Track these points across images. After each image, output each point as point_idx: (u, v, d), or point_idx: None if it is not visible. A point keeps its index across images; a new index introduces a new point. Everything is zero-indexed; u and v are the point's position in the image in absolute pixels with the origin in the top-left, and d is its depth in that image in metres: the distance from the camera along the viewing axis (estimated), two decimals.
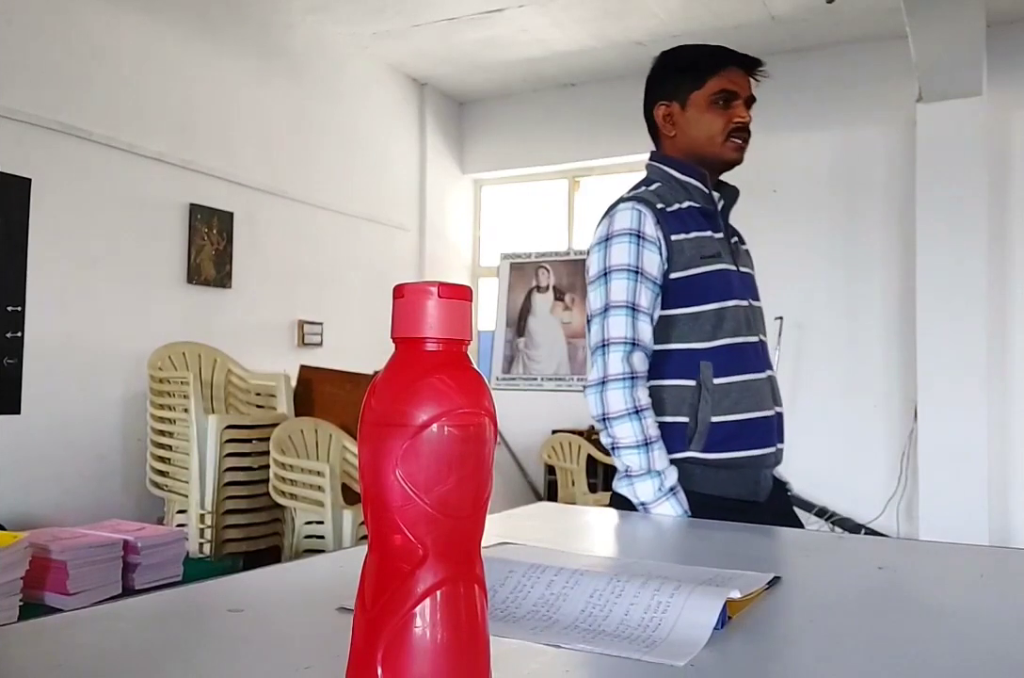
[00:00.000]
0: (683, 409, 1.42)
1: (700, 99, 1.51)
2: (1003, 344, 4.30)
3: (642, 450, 1.38)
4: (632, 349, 1.41)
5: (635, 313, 1.42)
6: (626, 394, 1.39)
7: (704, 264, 1.46)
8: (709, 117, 1.51)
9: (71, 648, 0.58)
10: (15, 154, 3.15)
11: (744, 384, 1.45)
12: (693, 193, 1.52)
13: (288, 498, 3.21)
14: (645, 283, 1.43)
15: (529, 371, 5.59)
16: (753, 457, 1.44)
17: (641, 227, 1.44)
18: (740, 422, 1.43)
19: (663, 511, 1.37)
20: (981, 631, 0.67)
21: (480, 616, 0.42)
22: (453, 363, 0.42)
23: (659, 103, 1.56)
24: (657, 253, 1.44)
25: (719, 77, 1.51)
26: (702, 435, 1.41)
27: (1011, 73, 4.30)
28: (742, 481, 1.45)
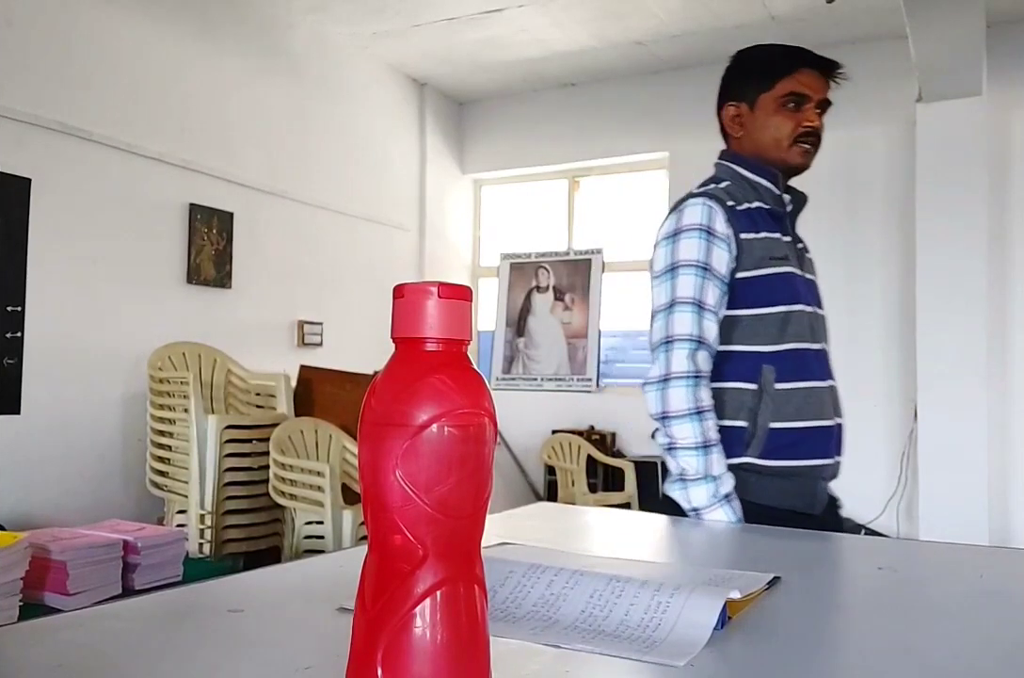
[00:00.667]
0: (742, 413, 1.39)
1: (769, 101, 1.48)
2: (1003, 344, 4.30)
3: (700, 452, 1.33)
4: (697, 347, 1.37)
5: (701, 310, 1.38)
6: (688, 393, 1.34)
7: (773, 265, 1.42)
8: (777, 120, 1.47)
9: (71, 648, 0.58)
10: (15, 154, 3.15)
11: (806, 391, 1.41)
12: (763, 194, 1.49)
13: (288, 498, 3.21)
14: (713, 280, 1.39)
15: (529, 371, 5.59)
16: (811, 467, 1.40)
17: (711, 223, 1.40)
18: (800, 430, 1.39)
19: (715, 518, 1.32)
20: (981, 631, 0.67)
21: (480, 616, 0.42)
22: (453, 363, 0.42)
23: (728, 103, 1.54)
24: (726, 250, 1.40)
25: (790, 79, 1.46)
26: (760, 441, 1.37)
27: (1011, 73, 4.30)
28: (798, 492, 1.40)
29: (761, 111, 1.49)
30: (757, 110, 1.49)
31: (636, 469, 4.69)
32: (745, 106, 1.51)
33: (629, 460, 4.81)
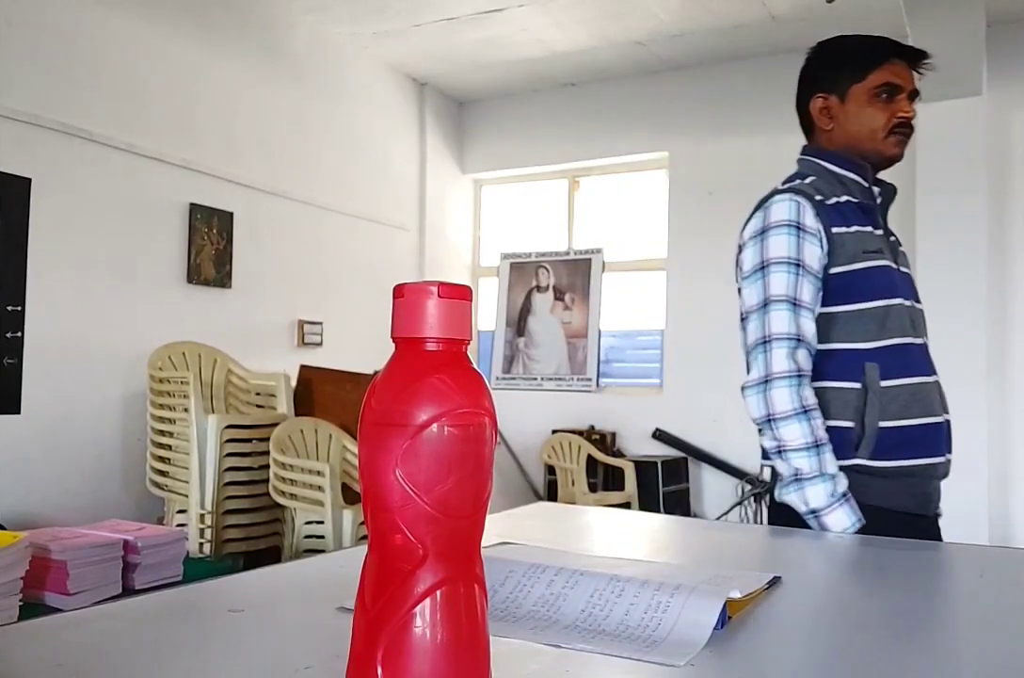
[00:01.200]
0: (847, 413, 1.34)
1: (861, 92, 1.44)
2: (1003, 345, 4.30)
3: (812, 452, 1.29)
4: (796, 345, 1.33)
5: (797, 308, 1.34)
6: (792, 393, 1.31)
7: (868, 259, 1.38)
8: (871, 111, 1.44)
9: (71, 648, 0.58)
10: (15, 154, 3.15)
11: (913, 387, 1.36)
12: (851, 187, 1.45)
13: (288, 498, 3.21)
14: (807, 277, 1.35)
15: (529, 371, 5.59)
16: (924, 466, 1.35)
17: (801, 218, 1.36)
18: (910, 428, 1.34)
19: (835, 520, 1.27)
20: (981, 631, 0.67)
21: (480, 616, 0.42)
22: (453, 363, 0.42)
23: (816, 95, 1.49)
24: (818, 246, 1.36)
25: (882, 70, 1.43)
26: (870, 441, 1.32)
27: (1011, 73, 4.30)
28: (911, 492, 1.36)
29: (853, 102, 1.45)
30: (849, 102, 1.46)
31: (636, 469, 4.69)
32: (835, 98, 1.47)
33: (629, 460, 4.81)
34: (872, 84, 1.43)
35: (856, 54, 1.46)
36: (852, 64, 1.46)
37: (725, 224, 5.09)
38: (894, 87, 1.43)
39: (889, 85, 1.43)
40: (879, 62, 1.44)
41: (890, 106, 1.44)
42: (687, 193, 5.12)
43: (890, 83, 1.43)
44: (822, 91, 1.48)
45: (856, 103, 1.45)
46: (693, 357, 5.05)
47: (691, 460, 4.99)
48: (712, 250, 5.01)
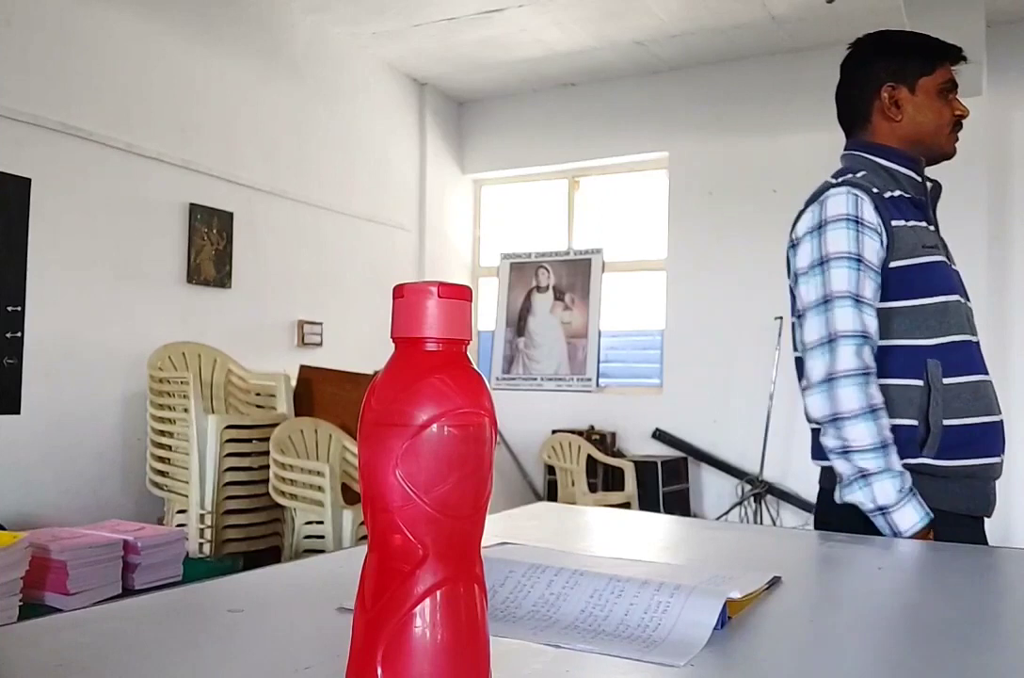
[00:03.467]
0: (910, 411, 1.31)
1: (931, 86, 1.43)
2: (1003, 344, 4.30)
3: (880, 452, 1.25)
4: (863, 342, 1.29)
5: (860, 304, 1.30)
6: (860, 391, 1.27)
7: (926, 254, 1.35)
8: (939, 106, 1.43)
9: (71, 648, 0.58)
10: (15, 154, 3.15)
11: (974, 385, 1.35)
12: (903, 182, 1.43)
13: (288, 498, 3.21)
14: (867, 272, 1.31)
15: (529, 371, 5.59)
16: (986, 466, 1.33)
17: (859, 212, 1.33)
18: (973, 427, 1.32)
19: (905, 516, 1.23)
20: (981, 631, 0.67)
21: (480, 616, 0.42)
22: (453, 363, 0.42)
23: (886, 84, 1.45)
24: (878, 240, 1.33)
25: (945, 67, 1.43)
26: (936, 439, 1.29)
27: (1011, 73, 4.30)
28: (973, 494, 1.34)
29: (923, 95, 1.43)
30: (919, 93, 1.43)
31: (636, 469, 4.69)
32: (905, 89, 1.44)
33: (629, 460, 4.81)
34: (940, 79, 1.43)
35: (923, 47, 1.45)
36: (921, 56, 1.44)
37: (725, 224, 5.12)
38: (954, 84, 1.44)
39: (951, 82, 1.44)
40: (943, 58, 1.44)
41: (951, 103, 1.44)
42: (687, 193, 5.12)
43: (952, 80, 1.44)
44: (892, 80, 1.45)
45: (926, 96, 1.44)
46: (693, 357, 5.04)
47: (691, 460, 4.99)
48: (712, 250, 5.01)
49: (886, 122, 1.46)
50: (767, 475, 4.61)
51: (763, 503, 4.67)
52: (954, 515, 1.30)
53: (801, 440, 5.17)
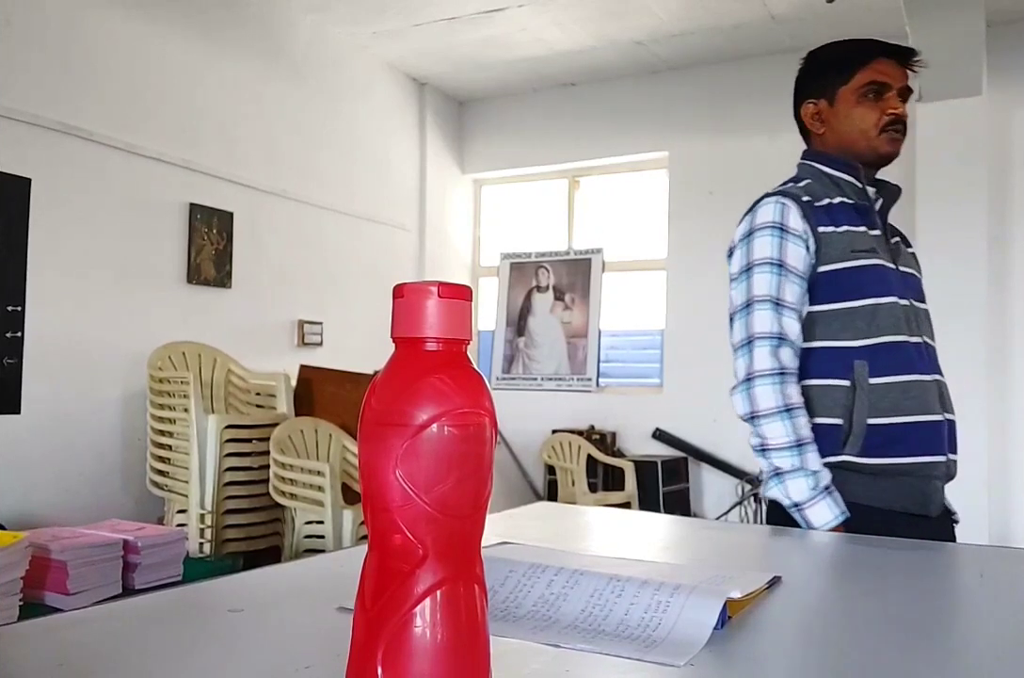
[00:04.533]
0: (836, 410, 1.35)
1: (848, 94, 1.46)
2: (1003, 344, 4.30)
3: (795, 451, 1.30)
4: (779, 344, 1.34)
5: (780, 307, 1.36)
6: (775, 391, 1.32)
7: (856, 258, 1.39)
8: (860, 111, 1.46)
9: (71, 648, 0.58)
10: (15, 154, 3.15)
11: (905, 385, 1.36)
12: (845, 189, 1.47)
13: (288, 498, 3.21)
14: (789, 277, 1.37)
15: (529, 371, 5.59)
16: (918, 464, 1.34)
17: (784, 220, 1.39)
18: (901, 425, 1.34)
19: (817, 513, 1.29)
20: (981, 631, 0.67)
21: (480, 616, 0.42)
22: (453, 363, 0.42)
23: (806, 102, 1.52)
24: (803, 246, 1.38)
25: (868, 69, 1.45)
26: (858, 438, 1.33)
27: (1011, 73, 4.30)
28: (907, 492, 1.34)
29: (842, 104, 1.47)
30: (838, 104, 1.48)
31: (636, 469, 4.69)
32: (824, 102, 1.50)
33: (629, 460, 4.81)
34: (858, 84, 1.45)
35: (841, 57, 1.48)
36: (838, 67, 1.48)
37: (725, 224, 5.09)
38: (881, 85, 1.45)
39: (875, 83, 1.44)
40: (864, 62, 1.45)
41: (879, 105, 1.45)
42: (687, 193, 5.12)
43: (876, 81, 1.44)
44: (812, 97, 1.51)
45: (845, 104, 1.47)
46: (693, 357, 5.04)
47: (691, 460, 4.99)
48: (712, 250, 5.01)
49: (816, 136, 1.53)
50: None
51: (763, 503, 4.66)
52: (888, 512, 1.32)
53: None
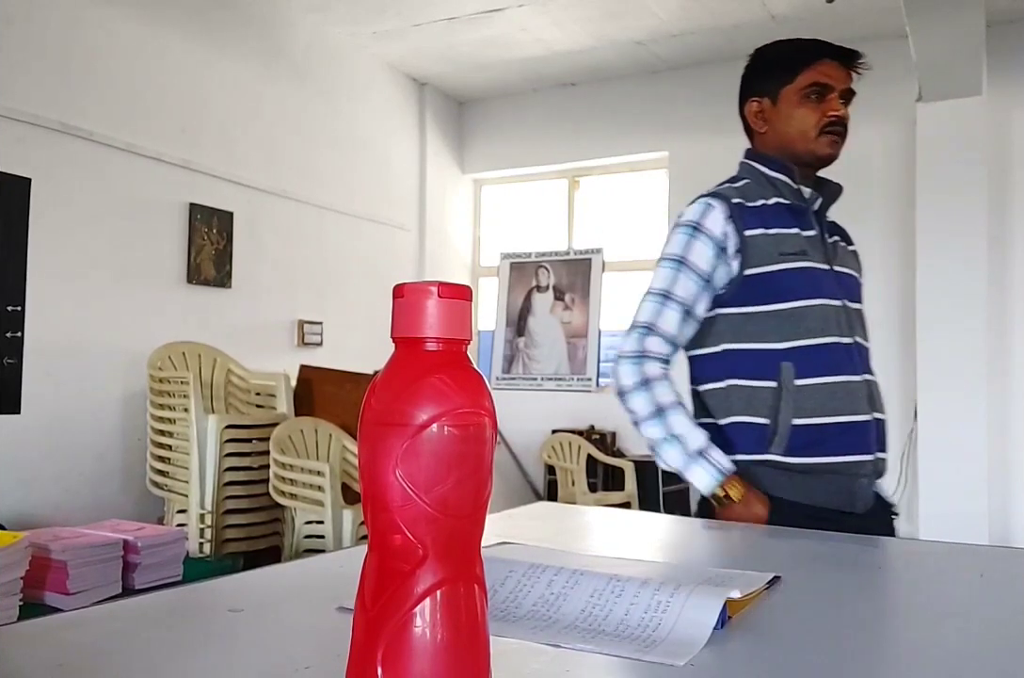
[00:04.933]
0: (762, 410, 1.38)
1: (791, 94, 1.47)
2: (1003, 344, 4.30)
3: (657, 419, 1.37)
4: (648, 332, 1.40)
5: (667, 300, 1.41)
6: (635, 369, 1.39)
7: (783, 261, 1.41)
8: (802, 112, 1.46)
9: (71, 648, 0.58)
10: (15, 154, 3.15)
11: (832, 386, 1.39)
12: (782, 189, 1.48)
13: (288, 498, 3.21)
14: (687, 274, 1.41)
15: (529, 371, 5.58)
16: (844, 463, 1.37)
17: (701, 220, 1.42)
18: (826, 426, 1.37)
19: (695, 477, 1.36)
20: (981, 631, 0.67)
21: (480, 616, 0.42)
22: (453, 363, 0.42)
23: (750, 99, 1.53)
24: (712, 247, 1.41)
25: (811, 70, 1.45)
26: (783, 438, 1.36)
27: (1011, 73, 4.29)
28: (833, 489, 1.37)
29: (785, 104, 1.48)
30: (780, 103, 1.49)
31: (636, 469, 4.68)
32: (768, 101, 1.50)
33: (629, 460, 4.80)
34: (801, 84, 1.45)
35: (785, 57, 1.49)
36: (782, 66, 1.48)
37: None
38: (824, 87, 1.45)
39: (818, 85, 1.45)
40: (808, 63, 1.46)
41: (820, 106, 1.45)
42: (687, 193, 5.07)
43: (819, 83, 1.45)
44: (755, 95, 1.52)
45: (787, 104, 1.47)
46: None
47: None
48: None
49: (758, 134, 1.54)
50: None
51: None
52: (813, 507, 1.35)
53: None
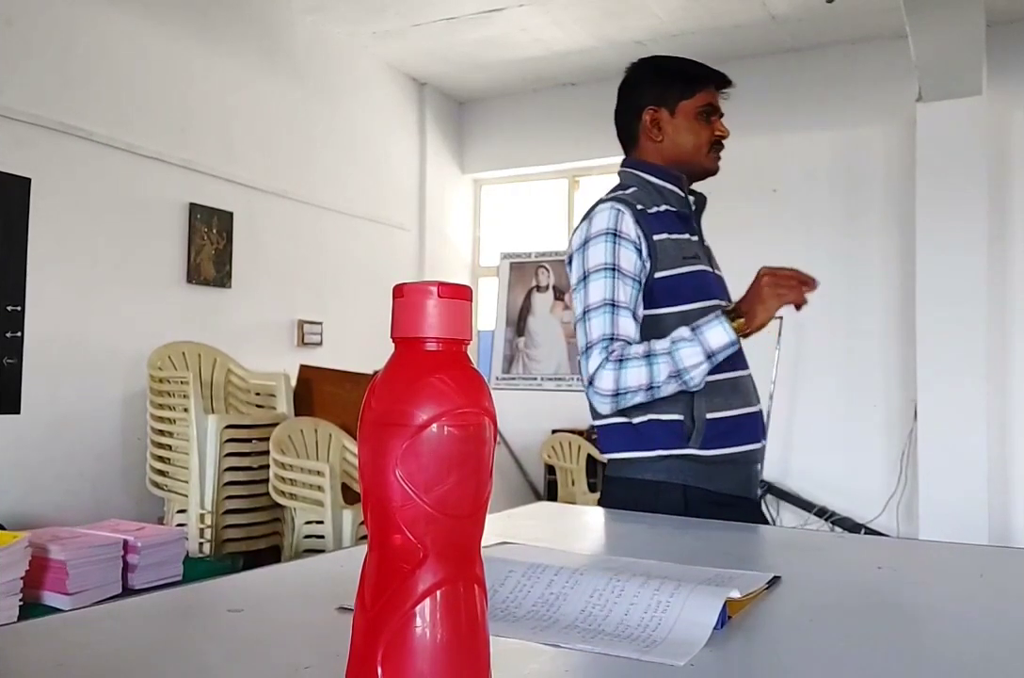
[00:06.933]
0: (677, 407, 1.44)
1: (690, 109, 1.55)
2: (1003, 344, 4.30)
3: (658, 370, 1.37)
4: (609, 342, 1.42)
5: (615, 309, 1.43)
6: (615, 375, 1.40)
7: (686, 264, 1.49)
8: (697, 127, 1.56)
9: (71, 648, 0.58)
10: (15, 154, 3.15)
11: (732, 381, 1.48)
12: (668, 197, 1.56)
13: (288, 498, 3.21)
14: (623, 279, 1.44)
15: (529, 371, 5.58)
16: (746, 452, 1.48)
17: (618, 226, 1.45)
18: (732, 418, 1.47)
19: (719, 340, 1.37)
20: (981, 631, 0.67)
21: (480, 616, 0.42)
22: (453, 363, 0.42)
23: (648, 107, 1.58)
24: (634, 251, 1.45)
25: (706, 91, 1.57)
26: (699, 432, 1.43)
27: (1011, 73, 4.29)
28: (737, 477, 1.48)
29: (682, 117, 1.56)
30: (678, 116, 1.56)
31: None
32: (665, 111, 1.57)
33: None
34: (699, 102, 1.56)
35: (687, 73, 1.59)
36: (684, 81, 1.57)
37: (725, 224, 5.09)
38: (714, 108, 1.57)
39: (710, 106, 1.57)
40: (704, 84, 1.57)
41: (710, 125, 1.57)
42: None
43: (711, 104, 1.57)
44: (653, 103, 1.58)
45: (684, 118, 1.56)
46: None
47: None
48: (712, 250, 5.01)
49: (650, 142, 1.59)
50: (767, 475, 4.61)
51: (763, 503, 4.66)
52: (723, 495, 1.45)
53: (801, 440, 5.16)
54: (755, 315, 1.37)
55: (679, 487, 1.42)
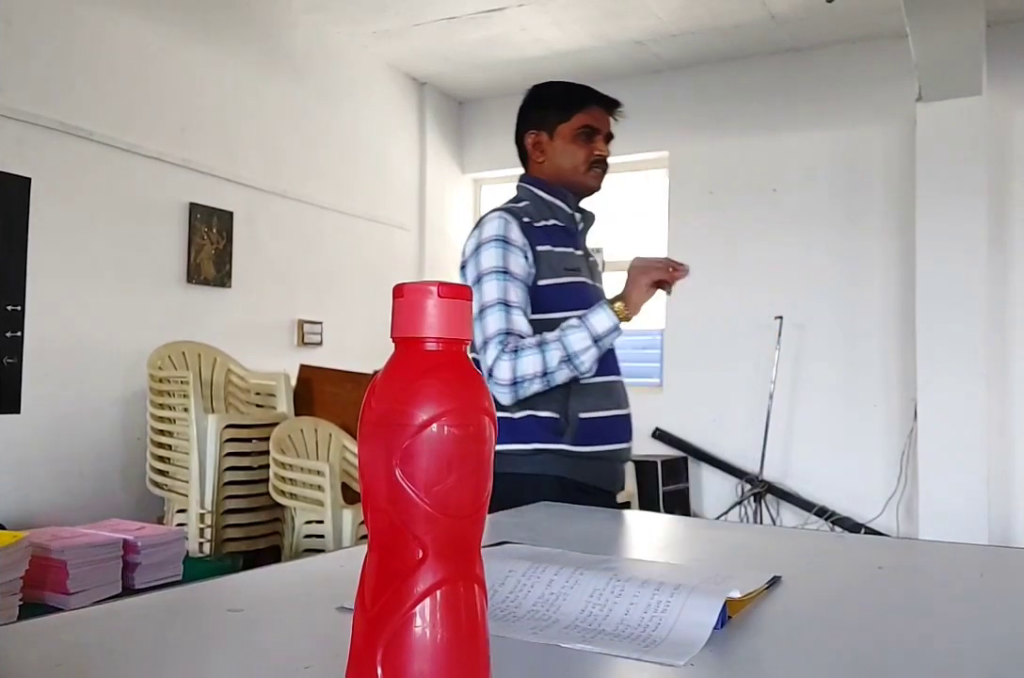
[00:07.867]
0: (553, 405, 1.56)
1: (566, 131, 1.67)
2: (1003, 344, 4.30)
3: (551, 356, 1.49)
4: (504, 338, 1.51)
5: (508, 307, 1.53)
6: (510, 365, 1.50)
7: (568, 275, 1.62)
8: (573, 148, 1.67)
9: (71, 648, 0.58)
10: (15, 154, 3.15)
11: (604, 385, 1.61)
12: (557, 213, 1.68)
13: (288, 498, 3.21)
14: (513, 282, 1.55)
15: None
16: (614, 451, 1.62)
17: (507, 233, 1.57)
18: (603, 419, 1.60)
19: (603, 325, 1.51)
20: (981, 631, 0.67)
21: (480, 616, 0.42)
22: (453, 363, 0.42)
23: (529, 131, 1.71)
24: (523, 257, 1.57)
25: (584, 113, 1.66)
26: (573, 429, 1.55)
27: (1011, 73, 4.29)
28: (606, 473, 1.63)
29: (560, 139, 1.68)
30: (556, 138, 1.68)
31: (636, 468, 4.68)
32: (545, 135, 1.70)
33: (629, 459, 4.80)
34: (575, 125, 1.67)
35: (562, 98, 1.70)
36: (558, 106, 1.69)
37: (726, 224, 5.12)
38: (593, 129, 1.67)
39: (588, 127, 1.67)
40: (580, 106, 1.67)
41: (589, 145, 1.67)
42: (687, 193, 5.11)
43: (589, 125, 1.67)
44: (534, 128, 1.71)
45: (562, 140, 1.68)
46: (693, 357, 5.04)
47: (691, 460, 4.99)
48: (712, 249, 5.01)
49: (536, 162, 1.73)
50: (767, 475, 4.61)
51: (763, 503, 4.67)
52: (589, 486, 1.58)
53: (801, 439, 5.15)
54: (630, 296, 1.51)
55: (555, 479, 1.54)
